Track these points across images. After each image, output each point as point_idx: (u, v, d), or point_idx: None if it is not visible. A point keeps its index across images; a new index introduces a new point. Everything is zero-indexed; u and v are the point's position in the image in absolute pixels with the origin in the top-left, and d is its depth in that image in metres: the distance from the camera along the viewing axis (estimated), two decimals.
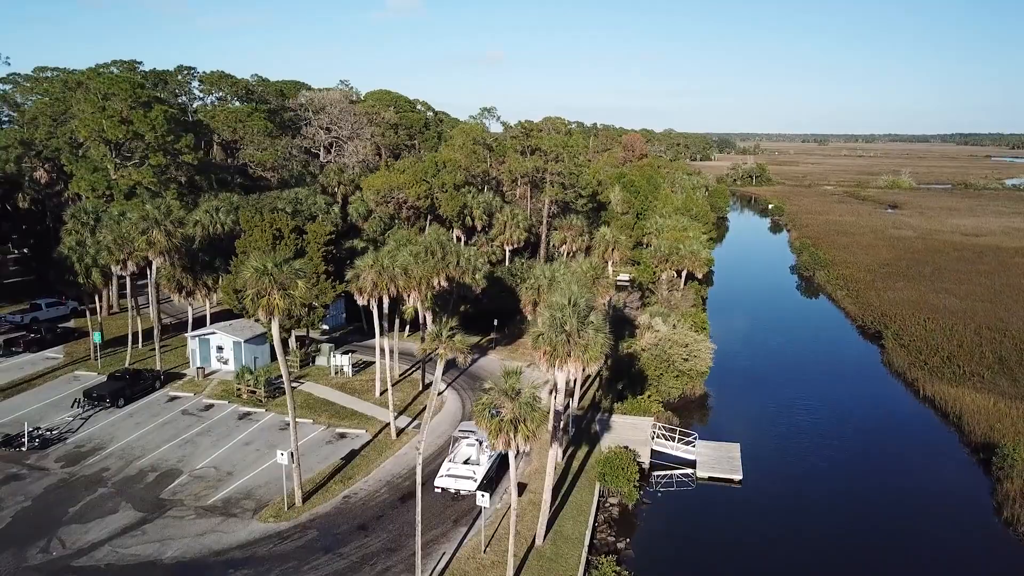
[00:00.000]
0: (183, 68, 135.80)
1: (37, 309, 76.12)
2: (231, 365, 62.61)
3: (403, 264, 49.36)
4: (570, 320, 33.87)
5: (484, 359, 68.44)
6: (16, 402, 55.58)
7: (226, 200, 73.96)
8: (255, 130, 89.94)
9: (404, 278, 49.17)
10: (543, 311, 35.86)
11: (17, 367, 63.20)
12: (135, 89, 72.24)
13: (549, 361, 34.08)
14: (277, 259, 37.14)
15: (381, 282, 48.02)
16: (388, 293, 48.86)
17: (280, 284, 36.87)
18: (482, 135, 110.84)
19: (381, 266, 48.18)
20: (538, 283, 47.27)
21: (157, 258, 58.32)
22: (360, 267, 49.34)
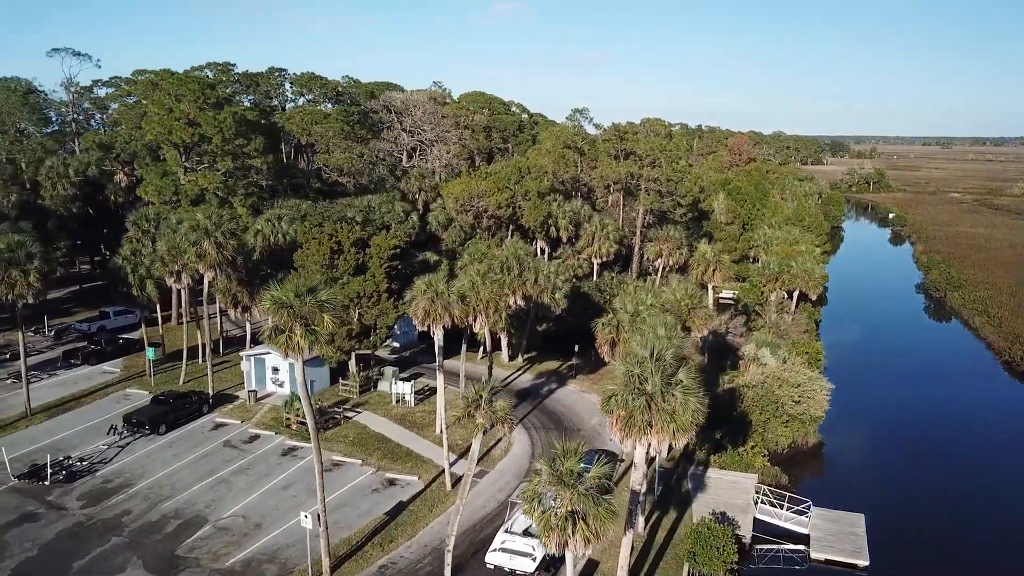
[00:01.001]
0: (274, 70, 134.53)
1: (105, 317, 73.68)
2: (286, 388, 57.64)
3: (460, 290, 42.59)
4: (652, 379, 26.22)
5: (562, 390, 61.03)
6: (60, 422, 52.15)
7: (294, 207, 69.40)
8: (331, 133, 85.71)
9: (461, 306, 42.40)
10: (617, 364, 28.24)
11: (72, 381, 60.24)
12: (204, 90, 68.70)
13: (624, 431, 26.52)
14: (301, 287, 30.99)
15: (433, 310, 41.48)
16: (442, 322, 42.24)
17: (303, 318, 30.70)
18: (573, 138, 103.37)
19: (435, 292, 41.62)
20: (617, 318, 39.43)
21: (208, 271, 53.83)
22: (414, 291, 42.97)
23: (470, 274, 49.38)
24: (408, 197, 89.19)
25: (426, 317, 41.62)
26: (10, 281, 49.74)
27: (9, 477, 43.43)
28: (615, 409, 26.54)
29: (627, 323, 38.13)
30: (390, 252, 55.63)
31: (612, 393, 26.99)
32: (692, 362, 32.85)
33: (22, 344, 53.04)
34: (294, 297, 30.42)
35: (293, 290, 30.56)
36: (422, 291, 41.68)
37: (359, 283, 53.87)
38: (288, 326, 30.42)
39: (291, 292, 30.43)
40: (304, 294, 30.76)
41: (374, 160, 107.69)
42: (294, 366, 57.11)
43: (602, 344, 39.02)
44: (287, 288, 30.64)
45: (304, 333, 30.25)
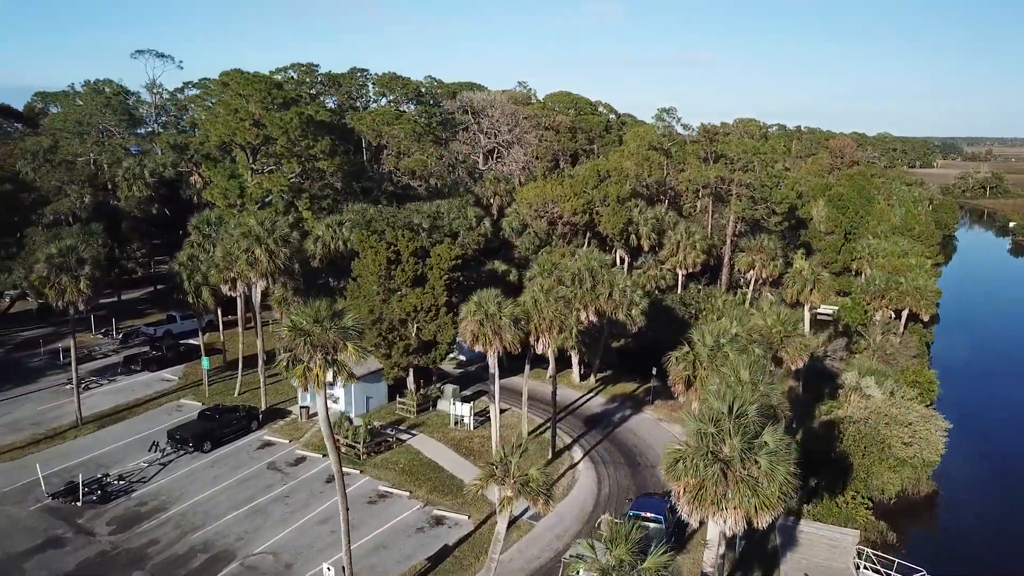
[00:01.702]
0: (356, 70, 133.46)
1: (172, 321, 72.57)
2: (341, 405, 54.34)
3: (515, 312, 37.85)
4: (730, 441, 20.94)
5: (637, 418, 55.55)
6: (109, 434, 50.33)
7: (360, 212, 66.28)
8: (402, 134, 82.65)
9: (514, 330, 37.68)
10: (688, 423, 22.89)
11: (129, 388, 58.75)
12: (271, 89, 66.48)
13: (693, 504, 21.33)
14: (323, 313, 27.01)
15: (483, 334, 36.97)
16: (494, 348, 37.69)
17: (323, 348, 26.71)
18: (659, 139, 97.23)
19: (485, 314, 37.11)
20: (694, 353, 33.66)
21: (260, 280, 51.01)
22: (463, 311, 38.59)
23: (532, 290, 44.65)
24: (482, 201, 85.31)
25: (475, 341, 37.17)
26: (60, 287, 48.10)
27: (44, 495, 41.41)
28: (683, 476, 21.43)
29: (705, 358, 32.64)
30: (451, 263, 51.53)
31: (679, 456, 21.89)
32: (783, 415, 27.26)
33: (73, 351, 51.48)
34: (313, 323, 26.44)
35: (313, 314, 26.60)
36: (471, 312, 37.26)
37: (417, 295, 49.98)
38: (307, 356, 26.47)
39: (310, 317, 26.47)
40: (325, 319, 26.74)
41: (453, 163, 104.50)
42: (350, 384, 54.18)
43: (675, 382, 33.66)
44: (307, 312, 26.71)
45: (324, 365, 26.20)
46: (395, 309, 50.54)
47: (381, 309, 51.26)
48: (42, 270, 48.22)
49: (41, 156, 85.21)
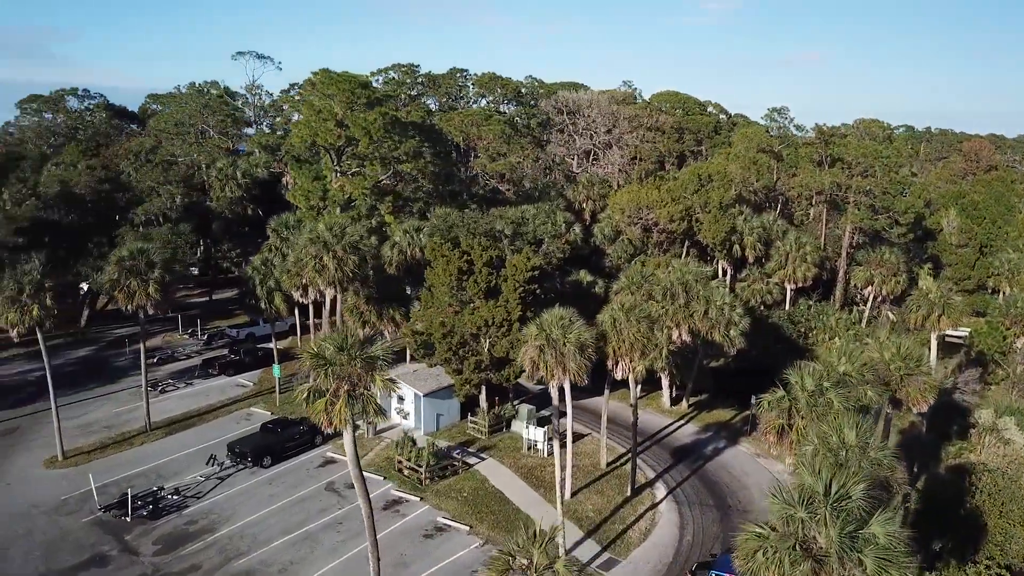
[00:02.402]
0: (456, 70, 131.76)
1: (255, 324, 71.90)
2: (411, 421, 51.45)
3: (579, 339, 33.39)
4: (826, 531, 16.07)
5: (732, 451, 49.99)
6: (176, 441, 49.29)
7: (442, 218, 63.36)
8: (491, 136, 79.40)
9: (579, 359, 33.25)
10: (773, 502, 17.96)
11: (203, 393, 57.91)
12: (354, 89, 64.39)
13: None
14: (350, 341, 23.59)
15: (544, 362, 32.77)
16: (557, 380, 33.43)
17: (349, 380, 23.32)
18: (768, 141, 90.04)
19: (546, 339, 32.91)
20: (790, 399, 27.64)
21: (328, 288, 48.68)
22: (524, 334, 34.52)
23: (612, 308, 40.15)
24: (574, 206, 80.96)
25: (535, 370, 33.08)
26: (129, 290, 47.19)
27: (96, 507, 40.18)
28: (763, 572, 16.71)
29: (804, 405, 27.19)
30: (527, 274, 47.63)
31: (758, 545, 17.13)
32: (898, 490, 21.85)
33: (143, 355, 50.63)
34: (336, 352, 23.06)
35: (337, 343, 23.22)
36: (532, 336, 33.14)
37: (489, 309, 46.34)
38: (332, 389, 23.12)
39: (334, 346, 23.10)
40: (352, 347, 23.31)
41: (551, 165, 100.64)
42: (420, 398, 51.21)
43: (767, 431, 28.33)
44: (331, 338, 23.38)
45: (348, 401, 22.76)
46: (467, 322, 47.07)
47: (453, 322, 47.93)
48: (112, 272, 47.49)
49: (143, 156, 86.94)
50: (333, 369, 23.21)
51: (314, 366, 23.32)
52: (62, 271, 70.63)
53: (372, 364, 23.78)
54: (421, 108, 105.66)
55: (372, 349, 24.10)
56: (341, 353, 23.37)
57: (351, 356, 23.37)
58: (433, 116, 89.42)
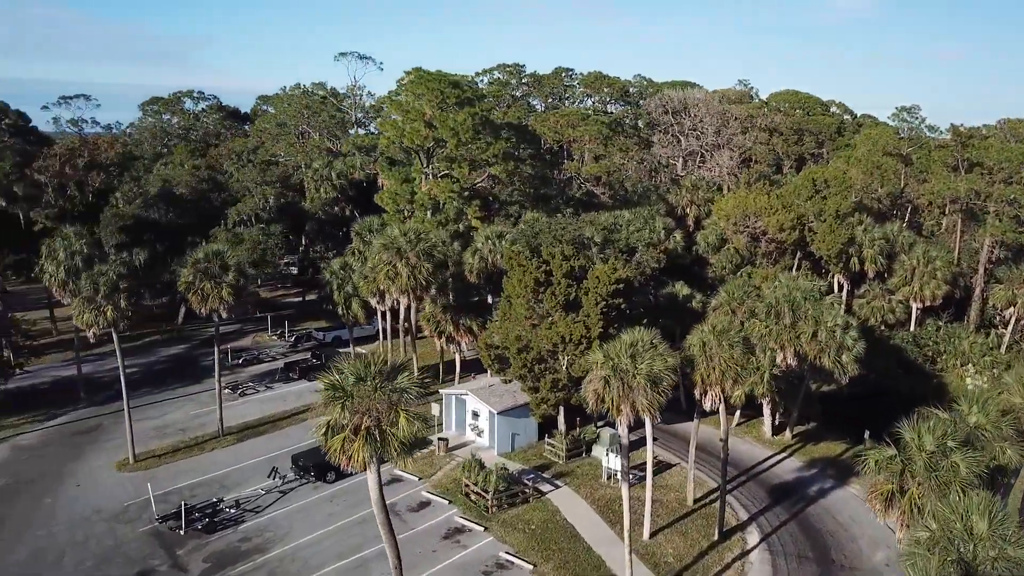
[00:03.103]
0: (561, 70, 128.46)
1: (342, 327, 70.81)
2: (485, 439, 48.47)
3: (652, 370, 29.17)
4: None
5: (840, 493, 44.22)
6: (245, 448, 48.28)
7: (530, 223, 60.15)
8: (587, 137, 75.42)
9: (650, 394, 29.02)
10: None
11: (281, 398, 56.92)
12: (444, 89, 62.07)
13: None
14: (372, 371, 20.61)
15: (610, 396, 28.77)
16: (625, 415, 29.35)
17: (372, 414, 20.34)
18: (896, 143, 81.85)
19: (612, 369, 28.88)
20: (903, 459, 22.31)
21: (401, 295, 46.32)
22: (588, 361, 30.64)
23: (702, 330, 35.68)
24: (676, 211, 75.97)
25: (599, 402, 29.15)
26: (203, 293, 46.33)
27: (155, 516, 39.16)
28: None
29: (921, 469, 22.00)
30: (611, 287, 43.62)
31: None
32: None
33: (216, 361, 49.88)
34: (356, 383, 20.10)
35: (358, 372, 20.27)
36: (596, 364, 29.22)
37: (567, 324, 42.66)
38: (347, 424, 20.19)
39: (354, 376, 20.16)
40: (375, 379, 20.30)
41: (656, 167, 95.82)
42: (495, 416, 48.11)
43: (872, 497, 23.29)
44: (353, 367, 20.46)
45: (367, 440, 19.77)
46: (543, 337, 43.57)
47: (529, 336, 44.54)
48: (187, 275, 46.78)
49: (245, 157, 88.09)
50: (352, 403, 20.35)
51: (329, 398, 20.51)
52: (161, 269, 72.06)
53: (398, 398, 20.76)
54: (521, 108, 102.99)
55: (398, 381, 21.07)
56: (362, 384, 20.47)
57: (373, 388, 20.44)
58: (529, 116, 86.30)
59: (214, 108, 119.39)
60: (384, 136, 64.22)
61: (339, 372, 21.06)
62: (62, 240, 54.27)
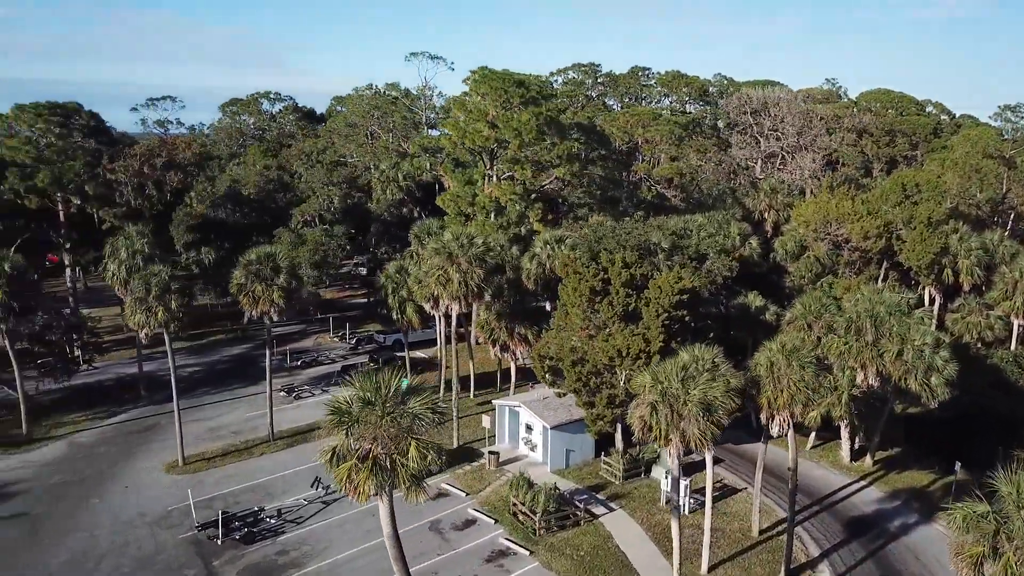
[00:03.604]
0: (638, 69, 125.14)
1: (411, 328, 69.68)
2: (538, 454, 46.21)
3: (703, 397, 26.24)
4: None
5: (925, 530, 40.05)
6: (294, 455, 47.47)
7: (593, 227, 57.61)
8: (658, 137, 72.05)
9: (703, 423, 26.06)
10: None
11: None
12: (507, 87, 60.04)
13: None
14: (382, 391, 18.65)
15: (657, 424, 26.00)
16: (674, 446, 26.50)
17: (380, 442, 18.38)
18: (998, 145, 75.53)
19: (661, 393, 26.08)
20: (1000, 518, 18.46)
21: (452, 302, 44.52)
22: (635, 384, 27.90)
23: (770, 349, 32.50)
24: (753, 216, 72.01)
25: (645, 432, 26.40)
26: (254, 295, 45.62)
27: (195, 523, 38.42)
28: None
29: (1020, 530, 18.51)
30: (674, 298, 40.69)
31: None
32: None
33: (268, 365, 49.18)
34: (363, 407, 18.18)
35: (367, 393, 18.36)
36: (644, 388, 26.50)
37: (625, 336, 39.95)
38: (353, 451, 18.28)
39: (362, 399, 18.25)
40: (384, 404, 18.34)
41: (735, 169, 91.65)
42: (548, 430, 45.78)
43: (960, 560, 19.89)
44: (360, 388, 18.56)
45: (372, 471, 17.83)
46: (599, 349, 40.99)
47: (585, 348, 42.04)
48: (239, 276, 46.17)
49: (314, 157, 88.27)
50: (358, 429, 18.44)
51: (334, 424, 18.67)
52: (227, 268, 72.49)
53: (409, 425, 18.76)
54: (595, 109, 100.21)
55: (411, 406, 19.04)
56: (370, 409, 18.54)
57: (382, 413, 18.49)
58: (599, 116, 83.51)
59: (289, 109, 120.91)
60: (445, 137, 62.67)
61: (350, 391, 19.17)
62: (124, 239, 54.87)
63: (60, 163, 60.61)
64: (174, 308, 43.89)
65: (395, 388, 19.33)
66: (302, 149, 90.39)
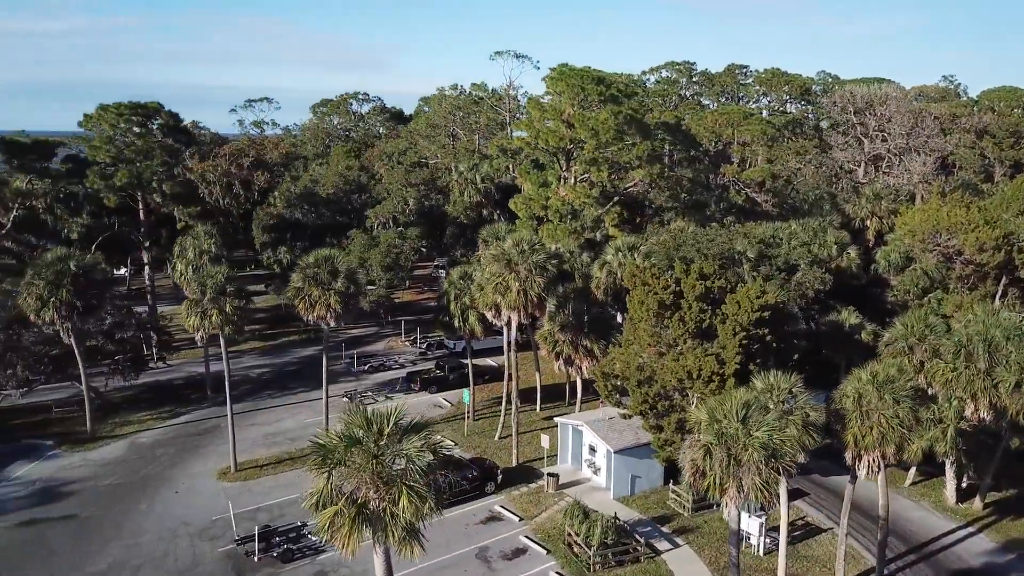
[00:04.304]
0: (735, 67, 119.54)
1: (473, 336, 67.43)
2: (601, 478, 42.91)
3: (768, 441, 22.34)
4: None
5: None
6: None
7: (673, 233, 53.79)
8: (750, 137, 67.01)
9: (766, 470, 22.18)
10: None
11: None
12: (585, 85, 56.82)
13: None
14: (373, 431, 16.02)
15: (712, 471, 22.31)
16: (728, 496, 22.72)
17: (367, 489, 15.77)
18: None
19: (716, 435, 22.32)
20: None
21: (511, 312, 41.77)
22: (690, 418, 24.23)
23: (858, 379, 28.26)
24: (853, 223, 66.29)
25: (698, 477, 22.74)
26: (309, 300, 44.17)
27: (235, 535, 37.04)
28: None
29: None
30: (755, 314, 36.67)
31: None
32: None
33: (324, 371, 47.79)
34: (348, 445, 15.60)
35: (356, 430, 15.78)
36: (699, 426, 22.86)
37: (696, 357, 36.20)
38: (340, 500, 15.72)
39: (348, 436, 15.67)
40: (377, 440, 15.71)
41: (838, 173, 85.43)
42: (611, 455, 42.39)
43: None
44: (352, 425, 15.99)
45: (355, 521, 15.23)
46: (668, 369, 37.38)
47: (653, 367, 38.51)
48: (296, 280, 44.82)
49: (395, 158, 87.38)
50: (343, 471, 15.88)
51: (316, 464, 16.19)
52: None
53: (402, 469, 16.05)
54: (688, 108, 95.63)
55: (407, 445, 16.31)
56: (358, 448, 15.94)
57: (369, 455, 15.84)
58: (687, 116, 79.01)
59: (377, 109, 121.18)
60: (518, 137, 60.03)
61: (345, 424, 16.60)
62: (192, 239, 54.69)
63: (139, 162, 61.31)
64: (228, 311, 42.79)
65: (391, 424, 16.66)
66: (383, 150, 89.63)
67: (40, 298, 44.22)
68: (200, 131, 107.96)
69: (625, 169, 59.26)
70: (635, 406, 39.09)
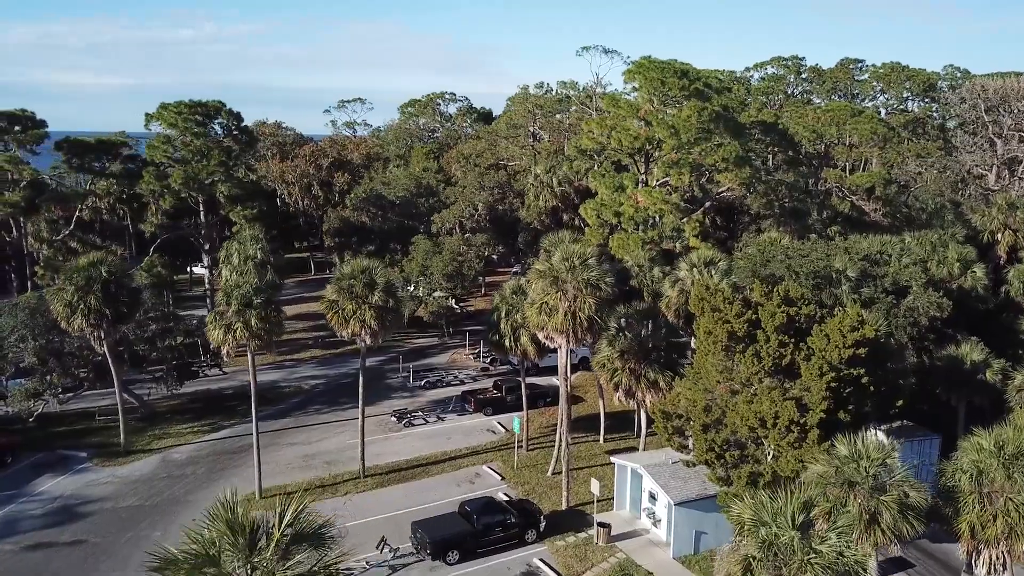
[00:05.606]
0: (849, 61, 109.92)
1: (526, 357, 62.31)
2: (661, 531, 36.99)
3: (833, 561, 16.06)
4: None
5: None
6: (379, 498, 41.59)
7: (762, 246, 47.12)
8: (858, 137, 58.73)
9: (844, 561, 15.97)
10: None
11: (445, 434, 49.95)
12: (666, 78, 50.71)
13: None
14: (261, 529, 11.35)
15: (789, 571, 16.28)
16: None
17: None
18: None
19: (762, 545, 16.26)
20: None
21: (558, 336, 36.49)
22: (731, 519, 18.12)
23: (977, 449, 21.53)
24: (980, 237, 57.35)
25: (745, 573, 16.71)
26: (343, 315, 40.24)
27: None
28: None
29: None
30: (848, 350, 29.99)
31: None
32: None
33: (361, 392, 43.71)
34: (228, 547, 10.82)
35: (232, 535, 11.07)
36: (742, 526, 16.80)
37: (772, 400, 29.88)
38: None
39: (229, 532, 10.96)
40: (258, 558, 10.97)
41: (964, 178, 75.61)
42: (672, 507, 36.39)
43: None
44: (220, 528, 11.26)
45: None
46: (739, 413, 31.19)
47: (722, 407, 32.40)
48: (330, 292, 41.02)
49: (472, 160, 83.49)
50: None
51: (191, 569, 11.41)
52: None
53: None
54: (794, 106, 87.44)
55: (293, 562, 11.26)
56: (235, 551, 11.01)
57: (248, 562, 10.84)
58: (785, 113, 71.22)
59: (464, 110, 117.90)
60: (587, 136, 54.48)
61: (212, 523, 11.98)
62: (238, 244, 52.05)
63: (195, 162, 59.44)
64: (255, 326, 39.23)
65: (280, 531, 11.92)
66: (460, 151, 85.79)
67: (69, 304, 42.14)
68: (285, 131, 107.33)
69: (711, 172, 52.77)
70: (700, 454, 33.01)
